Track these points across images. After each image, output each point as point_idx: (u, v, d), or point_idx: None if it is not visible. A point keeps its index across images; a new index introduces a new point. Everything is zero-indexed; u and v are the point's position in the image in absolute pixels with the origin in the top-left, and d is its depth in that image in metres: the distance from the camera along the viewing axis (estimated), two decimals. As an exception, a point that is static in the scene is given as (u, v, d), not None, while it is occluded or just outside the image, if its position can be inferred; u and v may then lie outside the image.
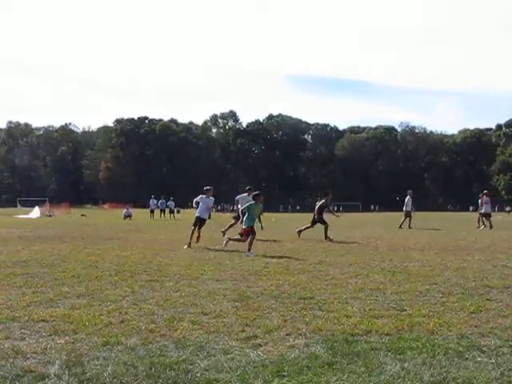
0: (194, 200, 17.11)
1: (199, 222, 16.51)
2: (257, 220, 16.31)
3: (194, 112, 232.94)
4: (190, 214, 57.63)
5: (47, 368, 4.48)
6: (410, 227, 28.10)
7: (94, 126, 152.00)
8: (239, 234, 15.15)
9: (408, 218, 28.83)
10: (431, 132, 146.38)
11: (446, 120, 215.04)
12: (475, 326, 5.89)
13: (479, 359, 4.72)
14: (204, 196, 16.96)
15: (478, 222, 29.05)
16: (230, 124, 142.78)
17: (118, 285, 8.71)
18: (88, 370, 4.43)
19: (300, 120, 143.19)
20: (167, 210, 46.30)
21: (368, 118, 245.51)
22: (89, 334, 5.55)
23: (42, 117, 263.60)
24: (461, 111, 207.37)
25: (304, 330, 5.74)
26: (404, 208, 29.58)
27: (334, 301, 7.33)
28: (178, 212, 55.30)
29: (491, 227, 27.55)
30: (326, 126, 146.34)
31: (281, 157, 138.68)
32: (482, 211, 29.04)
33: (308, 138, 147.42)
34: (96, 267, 10.87)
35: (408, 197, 29.49)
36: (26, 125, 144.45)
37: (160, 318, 6.28)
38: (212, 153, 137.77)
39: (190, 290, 8.25)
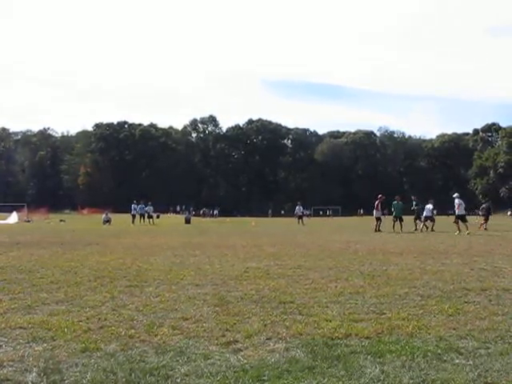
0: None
1: None
2: None
3: (173, 117, 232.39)
4: (169, 220, 57.36)
5: (24, 376, 4.43)
6: (432, 229, 29.57)
7: (73, 131, 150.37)
8: None
9: (432, 223, 30.24)
10: (410, 136, 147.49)
11: (425, 125, 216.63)
12: (453, 329, 5.94)
13: (457, 361, 4.77)
14: None
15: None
16: (209, 129, 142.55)
17: (97, 290, 8.65)
18: (66, 378, 4.39)
19: (280, 125, 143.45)
20: (146, 215, 45.93)
21: (347, 123, 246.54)
22: (67, 341, 5.50)
23: (20, 121, 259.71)
24: (439, 116, 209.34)
25: (284, 334, 5.75)
26: (424, 213, 31.03)
27: (313, 305, 7.35)
28: (158, 217, 55.18)
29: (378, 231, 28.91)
30: (306, 130, 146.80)
31: (260, 161, 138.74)
32: (374, 215, 30.48)
33: (288, 142, 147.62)
34: (75, 273, 10.79)
35: (429, 204, 31.32)
36: (4, 129, 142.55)
37: (140, 324, 6.25)
38: (192, 158, 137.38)
39: (170, 295, 8.22)
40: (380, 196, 31.00)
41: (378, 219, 30.02)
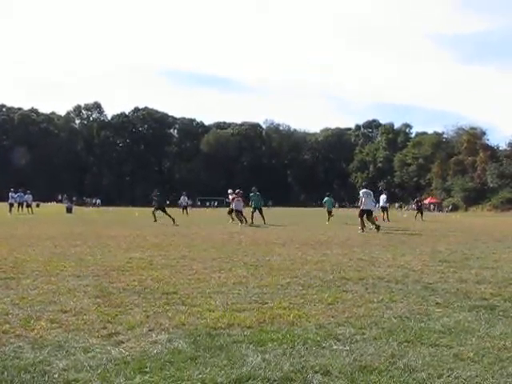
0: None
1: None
2: None
3: (58, 103, 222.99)
4: (50, 209, 55.19)
5: None
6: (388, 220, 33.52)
7: None
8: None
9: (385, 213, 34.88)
10: (295, 130, 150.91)
11: (309, 119, 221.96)
12: (332, 317, 6.15)
13: (335, 347, 4.93)
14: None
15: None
16: (94, 116, 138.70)
17: (-31, 283, 8.17)
18: None
19: (166, 114, 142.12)
20: (24, 204, 43.99)
21: (234, 115, 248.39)
22: None
23: None
24: (323, 111, 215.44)
25: (167, 325, 5.70)
26: (380, 204, 35.13)
27: (197, 295, 7.35)
28: (38, 206, 53.07)
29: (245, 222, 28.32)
30: (192, 120, 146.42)
31: (146, 151, 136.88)
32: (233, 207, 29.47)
33: (174, 132, 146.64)
34: None
35: (383, 195, 36.35)
36: None
37: (15, 318, 5.96)
38: (75, 145, 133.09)
39: (49, 287, 7.91)
40: (237, 191, 30.18)
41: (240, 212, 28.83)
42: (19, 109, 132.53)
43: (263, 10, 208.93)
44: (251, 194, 30.01)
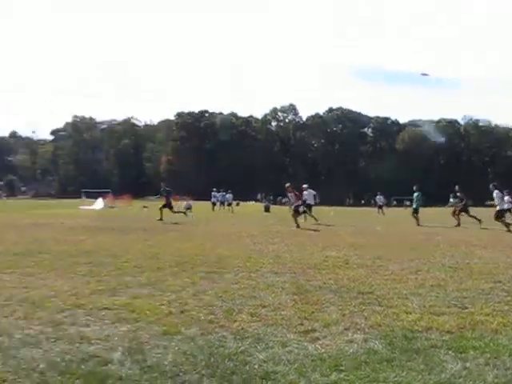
0: None
1: None
2: None
3: (253, 105, 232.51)
4: (249, 207, 57.72)
5: (110, 354, 4.62)
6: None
7: (156, 120, 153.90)
8: None
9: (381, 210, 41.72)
10: (496, 125, 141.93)
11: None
12: (543, 327, 5.71)
13: (547, 360, 4.57)
14: None
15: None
16: (289, 117, 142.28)
17: (179, 276, 8.84)
18: (148, 358, 4.53)
19: (360, 113, 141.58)
20: (226, 203, 46.80)
21: (430, 112, 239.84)
22: (150, 323, 5.67)
23: (106, 111, 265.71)
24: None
25: (363, 324, 5.70)
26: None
27: (393, 296, 7.24)
28: (238, 205, 55.70)
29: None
30: (387, 119, 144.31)
31: (340, 150, 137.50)
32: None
33: (368, 131, 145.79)
34: (157, 258, 11.05)
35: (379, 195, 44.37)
36: (91, 119, 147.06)
37: (219, 310, 6.35)
38: (271, 146, 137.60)
39: (249, 282, 8.30)
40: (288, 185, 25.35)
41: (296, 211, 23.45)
42: (220, 113, 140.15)
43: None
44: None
